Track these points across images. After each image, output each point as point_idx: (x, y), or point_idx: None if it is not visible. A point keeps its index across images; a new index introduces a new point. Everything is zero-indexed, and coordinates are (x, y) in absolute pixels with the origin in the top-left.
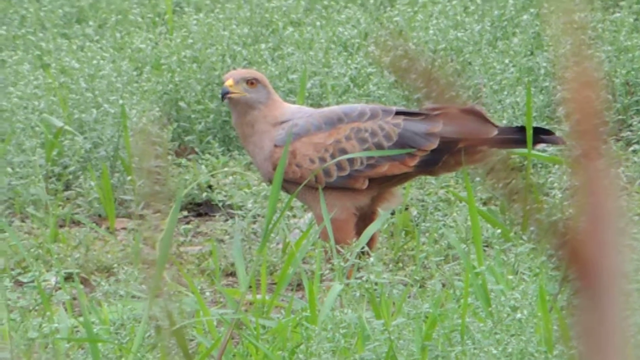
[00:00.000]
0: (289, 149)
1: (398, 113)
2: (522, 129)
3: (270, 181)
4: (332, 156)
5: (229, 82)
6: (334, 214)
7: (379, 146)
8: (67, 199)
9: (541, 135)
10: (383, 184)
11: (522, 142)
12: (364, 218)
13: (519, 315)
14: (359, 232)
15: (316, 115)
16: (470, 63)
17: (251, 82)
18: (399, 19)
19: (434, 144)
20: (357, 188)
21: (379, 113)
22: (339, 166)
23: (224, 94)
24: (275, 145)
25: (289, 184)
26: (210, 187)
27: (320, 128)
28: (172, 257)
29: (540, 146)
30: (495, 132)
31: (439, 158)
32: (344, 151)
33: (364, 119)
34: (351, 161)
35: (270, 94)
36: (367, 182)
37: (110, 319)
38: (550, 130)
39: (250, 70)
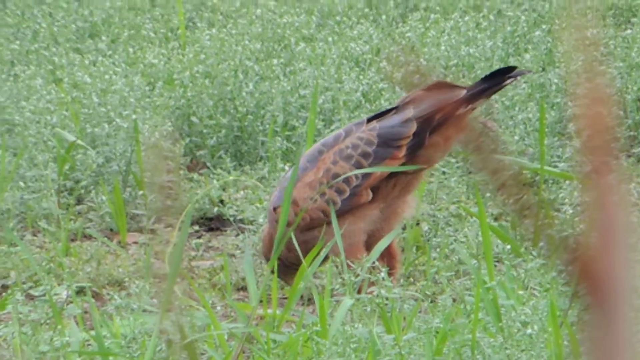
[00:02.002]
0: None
1: (370, 120)
2: (488, 78)
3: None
4: (329, 186)
5: None
6: (351, 239)
7: (365, 154)
8: (79, 213)
9: (506, 74)
10: (388, 194)
11: (491, 89)
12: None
13: (529, 331)
14: (382, 257)
15: (300, 161)
16: None
17: None
18: (411, 34)
19: (413, 128)
20: (364, 202)
21: (352, 128)
22: (339, 191)
23: None
24: (274, 208)
25: (307, 232)
26: (221, 201)
27: (307, 168)
28: (184, 272)
29: (509, 81)
30: (464, 92)
31: (424, 137)
32: (337, 176)
33: (341, 140)
34: (347, 181)
35: None
36: (370, 193)
37: (122, 333)
38: (513, 66)
39: None
